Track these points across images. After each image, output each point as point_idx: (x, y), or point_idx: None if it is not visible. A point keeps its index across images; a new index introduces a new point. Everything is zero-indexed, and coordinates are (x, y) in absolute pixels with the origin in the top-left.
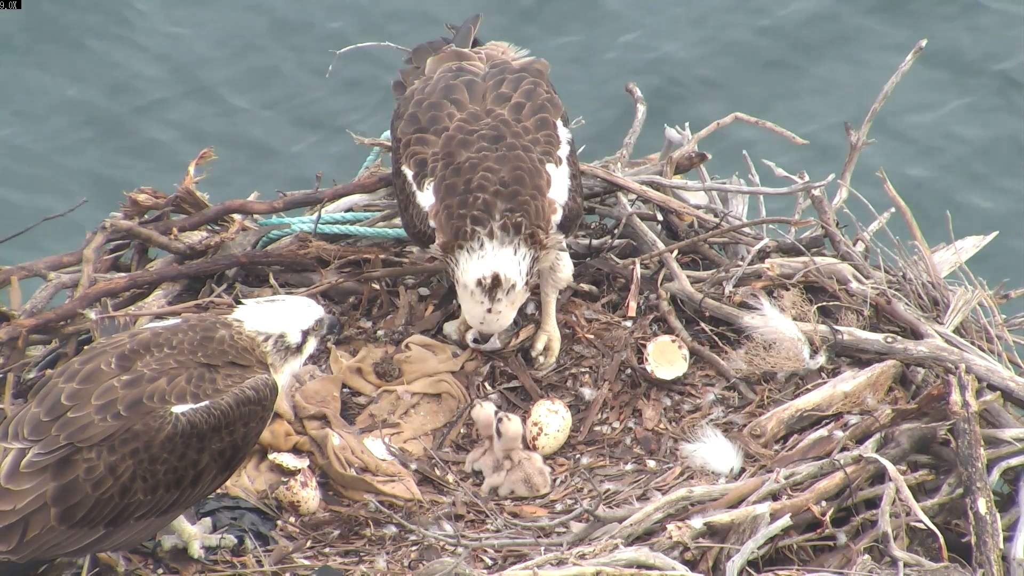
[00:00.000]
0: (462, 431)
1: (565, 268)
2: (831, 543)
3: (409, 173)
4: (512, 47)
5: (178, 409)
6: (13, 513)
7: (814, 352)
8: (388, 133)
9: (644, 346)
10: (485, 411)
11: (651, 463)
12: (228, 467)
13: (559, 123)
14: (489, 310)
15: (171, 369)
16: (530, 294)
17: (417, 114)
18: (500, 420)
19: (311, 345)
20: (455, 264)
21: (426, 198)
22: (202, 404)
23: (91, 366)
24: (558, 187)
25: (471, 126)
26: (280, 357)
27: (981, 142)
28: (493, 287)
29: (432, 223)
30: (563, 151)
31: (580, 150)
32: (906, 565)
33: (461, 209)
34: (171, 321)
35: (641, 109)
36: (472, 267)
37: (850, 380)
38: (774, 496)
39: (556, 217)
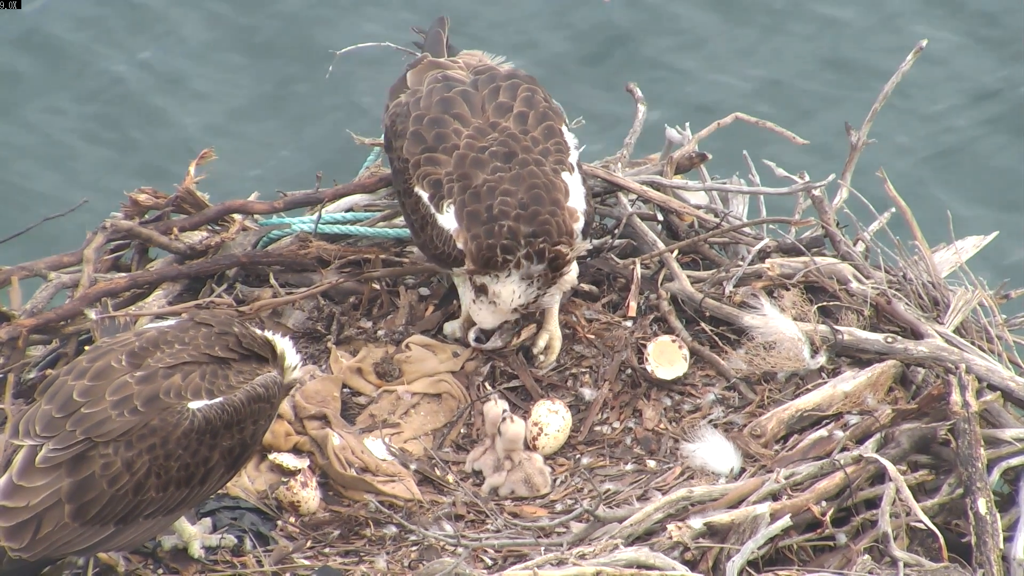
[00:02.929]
0: (462, 431)
1: (572, 271)
2: (831, 543)
3: (424, 195)
4: (487, 55)
5: (194, 405)
6: (26, 510)
7: (814, 352)
8: None
9: (644, 346)
10: (496, 408)
11: (651, 463)
12: (235, 465)
13: (564, 129)
14: (481, 309)
15: (184, 365)
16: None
17: (421, 132)
18: (504, 420)
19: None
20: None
21: (448, 220)
22: (216, 400)
23: (101, 363)
24: (576, 194)
25: (480, 142)
26: None
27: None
28: (491, 302)
29: (459, 245)
30: (573, 157)
31: (581, 149)
32: (906, 565)
33: (489, 239)
34: (176, 320)
35: (641, 109)
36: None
37: (850, 380)
38: (774, 496)
39: (579, 225)
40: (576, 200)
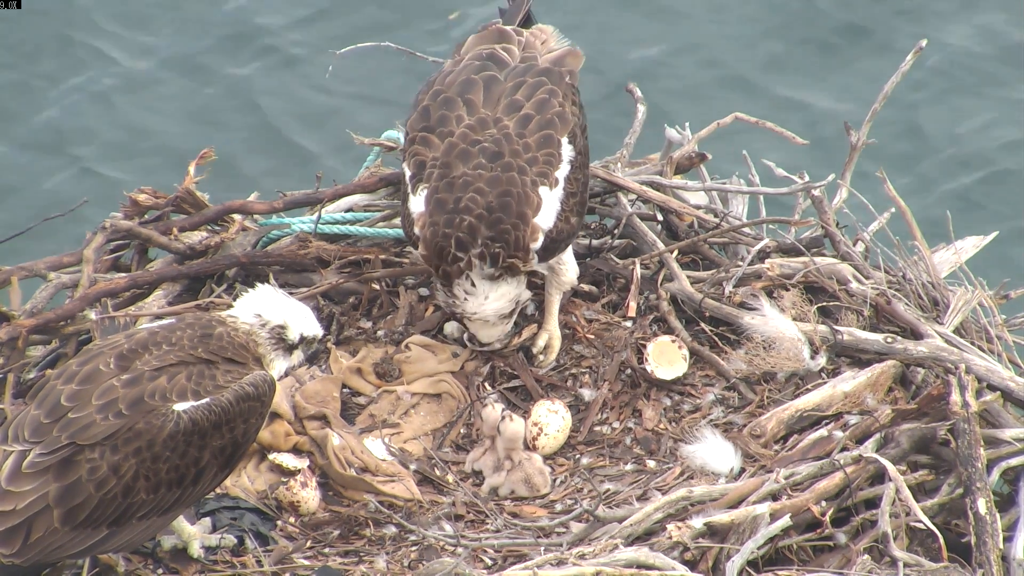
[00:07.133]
0: (462, 431)
1: (570, 271)
2: (831, 543)
3: (408, 172)
4: (556, 33)
5: (180, 407)
6: (15, 515)
7: (814, 352)
8: (389, 133)
9: (644, 346)
10: (494, 412)
11: (651, 463)
12: (228, 464)
13: (564, 140)
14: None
15: (171, 367)
16: (531, 296)
17: (430, 108)
18: (503, 419)
19: (298, 356)
20: (437, 283)
21: (417, 203)
22: (203, 401)
23: (89, 367)
24: (547, 211)
25: (475, 135)
26: (272, 348)
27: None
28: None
29: (417, 231)
30: (562, 171)
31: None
32: (906, 565)
33: (447, 228)
34: (166, 321)
35: (641, 109)
36: (450, 301)
37: (850, 380)
38: (774, 496)
39: (536, 245)
40: (544, 218)
